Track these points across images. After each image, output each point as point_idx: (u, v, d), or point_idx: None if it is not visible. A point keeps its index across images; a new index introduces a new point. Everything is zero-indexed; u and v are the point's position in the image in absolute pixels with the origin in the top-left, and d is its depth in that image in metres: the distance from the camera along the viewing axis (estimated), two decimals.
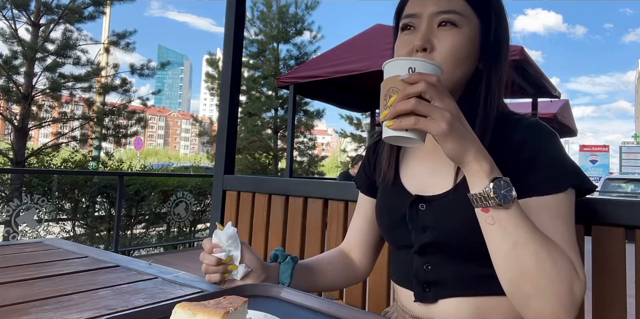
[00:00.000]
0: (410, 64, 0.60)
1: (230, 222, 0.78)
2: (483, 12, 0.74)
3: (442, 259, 0.74)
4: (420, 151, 0.84)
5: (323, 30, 10.72)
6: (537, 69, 4.49)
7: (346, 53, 4.68)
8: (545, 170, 0.69)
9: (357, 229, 0.97)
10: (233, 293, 0.60)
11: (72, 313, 0.67)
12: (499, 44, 0.75)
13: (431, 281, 0.75)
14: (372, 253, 0.97)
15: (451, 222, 0.72)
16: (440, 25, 0.72)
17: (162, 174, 6.76)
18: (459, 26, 0.71)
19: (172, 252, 5.67)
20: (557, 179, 0.68)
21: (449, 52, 0.71)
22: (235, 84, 2.04)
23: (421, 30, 0.72)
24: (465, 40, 0.72)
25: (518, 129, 0.72)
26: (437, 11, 0.72)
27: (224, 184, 1.98)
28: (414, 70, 0.60)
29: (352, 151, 15.02)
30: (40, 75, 6.54)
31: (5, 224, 3.89)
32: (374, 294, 1.43)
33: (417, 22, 0.74)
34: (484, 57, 0.75)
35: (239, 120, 5.39)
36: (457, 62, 0.72)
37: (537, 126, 0.72)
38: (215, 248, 0.76)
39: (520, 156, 0.70)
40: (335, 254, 0.95)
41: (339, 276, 0.92)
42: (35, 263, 0.98)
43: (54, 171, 5.53)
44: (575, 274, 0.62)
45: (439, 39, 0.71)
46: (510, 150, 0.71)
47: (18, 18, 6.53)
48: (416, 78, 0.57)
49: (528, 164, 0.69)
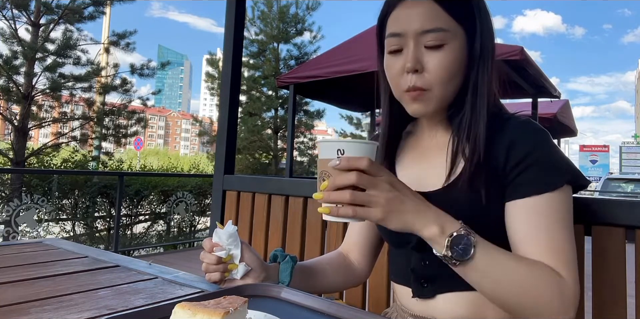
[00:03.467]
0: (338, 146, 0.62)
1: (230, 221, 0.78)
2: (467, 20, 0.73)
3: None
4: (414, 150, 0.86)
5: (323, 30, 10.72)
6: (537, 69, 4.49)
7: (346, 53, 4.68)
8: (538, 169, 0.69)
9: (356, 231, 0.97)
10: (233, 293, 0.60)
11: (72, 313, 0.67)
12: (485, 47, 0.74)
13: (429, 276, 0.76)
14: (371, 255, 0.98)
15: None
16: (427, 44, 0.71)
17: (162, 174, 6.76)
18: (446, 43, 0.71)
19: (172, 252, 5.67)
20: (550, 177, 0.68)
21: (441, 71, 0.71)
22: (235, 84, 2.03)
23: (409, 51, 0.72)
24: (454, 56, 0.72)
25: (507, 129, 0.73)
26: (422, 31, 0.70)
27: (224, 184, 1.98)
28: (343, 153, 0.61)
29: None
30: (40, 76, 6.54)
31: (5, 224, 3.89)
32: (374, 294, 1.43)
33: (403, 42, 0.73)
34: (471, 63, 0.75)
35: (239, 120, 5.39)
36: (449, 78, 0.72)
37: (526, 125, 0.72)
38: (216, 247, 0.77)
39: (510, 157, 0.70)
40: (334, 256, 0.96)
41: (338, 277, 0.92)
42: (35, 263, 0.98)
43: (54, 171, 5.53)
44: (562, 280, 0.65)
45: (429, 59, 0.71)
46: (499, 150, 0.71)
47: (18, 18, 6.53)
48: (345, 165, 0.59)
49: (519, 164, 0.69)
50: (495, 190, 0.71)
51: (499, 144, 0.72)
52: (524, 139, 0.71)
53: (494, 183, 0.71)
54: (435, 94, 0.72)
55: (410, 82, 0.72)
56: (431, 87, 0.72)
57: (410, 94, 0.73)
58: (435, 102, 0.74)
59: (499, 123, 0.74)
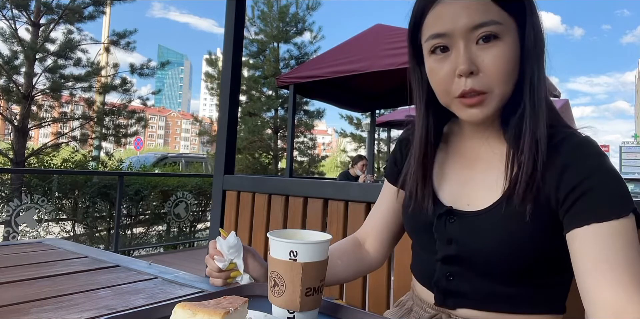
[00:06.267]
0: (291, 248, 0.59)
1: (233, 232, 0.76)
2: (518, 11, 0.65)
3: (465, 272, 0.71)
4: (461, 157, 0.77)
5: (323, 30, 10.71)
6: None
7: (346, 53, 4.67)
8: (597, 195, 0.59)
9: (378, 217, 0.91)
10: (233, 293, 0.60)
11: (72, 313, 0.67)
12: (538, 39, 0.66)
13: (452, 291, 0.72)
14: (389, 242, 0.92)
15: (479, 241, 0.68)
16: (479, 41, 0.63)
17: (162, 174, 6.76)
18: (500, 37, 0.62)
19: (172, 252, 5.66)
20: (612, 203, 0.59)
21: (499, 69, 0.63)
22: (235, 84, 2.04)
23: (459, 51, 0.63)
24: (510, 52, 0.63)
25: (562, 149, 0.64)
26: (472, 26, 0.62)
27: (224, 184, 1.98)
28: (296, 254, 0.59)
29: (352, 151, 15.02)
30: (40, 75, 6.54)
31: (5, 224, 3.89)
32: (374, 294, 1.43)
33: (449, 43, 0.64)
34: (526, 58, 0.66)
35: (239, 120, 5.39)
36: (508, 75, 0.64)
37: (583, 148, 0.63)
38: (217, 256, 0.76)
39: (562, 182, 0.62)
40: (348, 246, 0.90)
41: (350, 269, 0.87)
42: (35, 263, 0.98)
43: (54, 171, 5.53)
44: None
45: (483, 58, 0.63)
46: (552, 174, 0.63)
47: (18, 18, 6.53)
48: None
49: (574, 190, 0.61)
50: (545, 216, 0.64)
51: (552, 165, 0.63)
52: (579, 164, 0.62)
53: (545, 208, 0.64)
54: (495, 95, 0.64)
55: (465, 86, 0.63)
56: (491, 89, 0.64)
57: (467, 100, 0.64)
58: (496, 104, 0.65)
59: (556, 139, 0.65)
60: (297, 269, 0.59)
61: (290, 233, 0.67)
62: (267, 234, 0.63)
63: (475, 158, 0.75)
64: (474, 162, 0.75)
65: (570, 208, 0.61)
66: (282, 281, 0.60)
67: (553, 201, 0.63)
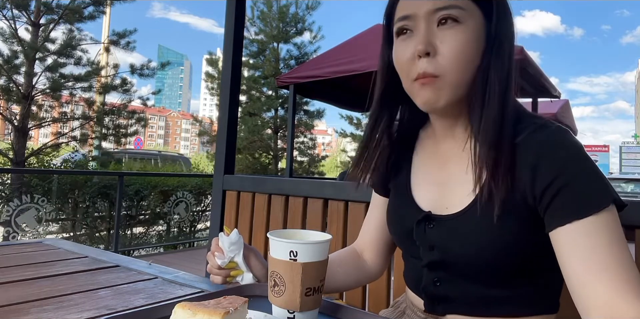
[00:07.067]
0: (291, 248, 0.59)
1: (236, 230, 0.77)
2: (486, 3, 0.65)
3: (452, 277, 0.70)
4: (433, 158, 0.77)
5: (323, 30, 10.72)
6: (537, 68, 4.48)
7: (346, 53, 4.67)
8: (575, 189, 0.58)
9: (372, 228, 0.91)
10: (233, 293, 0.60)
11: (72, 313, 0.67)
12: (499, 38, 0.66)
13: (440, 296, 0.72)
14: (386, 253, 0.92)
15: (460, 245, 0.67)
16: (440, 23, 0.64)
17: (162, 174, 6.76)
18: (461, 22, 0.63)
19: (172, 252, 5.66)
20: (590, 197, 0.57)
21: (456, 53, 0.63)
22: (235, 84, 2.04)
23: (420, 32, 0.64)
24: (470, 37, 0.63)
25: (532, 142, 0.62)
26: (434, 8, 0.63)
27: (224, 184, 1.98)
28: (296, 254, 0.59)
29: (352, 151, 15.02)
30: (40, 75, 6.54)
31: (5, 224, 3.89)
32: (374, 294, 1.43)
33: (413, 25, 0.66)
34: (484, 53, 0.66)
35: (239, 120, 5.39)
36: (465, 61, 0.63)
37: (554, 138, 0.61)
38: (218, 253, 0.76)
39: (537, 178, 0.60)
40: (348, 257, 0.90)
41: (350, 278, 0.88)
42: (35, 263, 0.98)
43: (54, 171, 5.53)
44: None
45: (442, 39, 0.63)
46: (523, 170, 0.62)
47: (18, 18, 6.54)
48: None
49: (549, 187, 0.59)
50: (524, 213, 0.62)
51: (523, 161, 0.62)
52: (551, 156, 0.60)
53: (522, 206, 0.62)
54: (448, 81, 0.63)
55: (420, 68, 0.64)
56: (443, 73, 0.63)
57: (419, 81, 0.64)
58: (448, 91, 0.64)
59: (524, 131, 0.63)
60: (297, 269, 0.59)
61: (290, 233, 0.67)
62: (267, 234, 0.63)
63: (449, 159, 0.73)
64: (448, 164, 0.74)
65: (549, 205, 0.59)
66: (282, 281, 0.60)
67: (530, 198, 0.62)
